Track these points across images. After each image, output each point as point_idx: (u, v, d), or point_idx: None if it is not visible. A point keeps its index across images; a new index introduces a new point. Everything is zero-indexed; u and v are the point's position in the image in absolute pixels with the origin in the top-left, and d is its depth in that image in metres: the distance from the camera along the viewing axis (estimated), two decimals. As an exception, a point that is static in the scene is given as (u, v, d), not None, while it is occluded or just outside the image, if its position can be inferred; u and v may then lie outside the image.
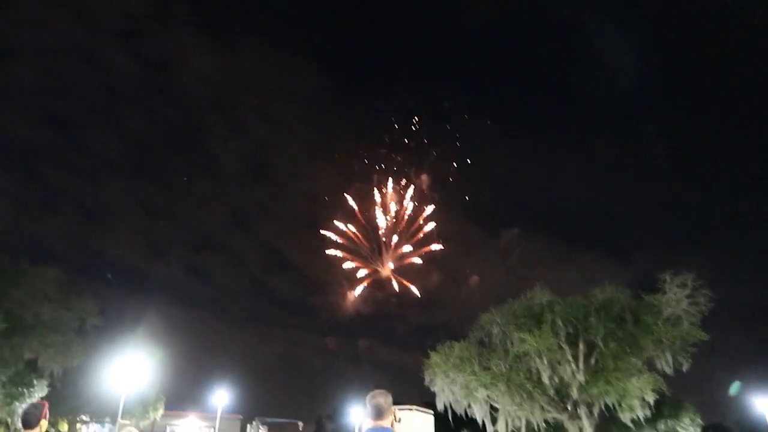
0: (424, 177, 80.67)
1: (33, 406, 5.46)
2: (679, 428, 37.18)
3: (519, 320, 29.24)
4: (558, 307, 28.57)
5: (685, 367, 27.87)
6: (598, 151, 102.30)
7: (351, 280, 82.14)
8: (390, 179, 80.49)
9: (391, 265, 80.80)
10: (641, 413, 27.59)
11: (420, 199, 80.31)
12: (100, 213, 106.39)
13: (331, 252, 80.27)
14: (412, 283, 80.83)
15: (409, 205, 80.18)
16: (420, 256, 79.84)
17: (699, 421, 37.83)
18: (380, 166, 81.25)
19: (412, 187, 79.99)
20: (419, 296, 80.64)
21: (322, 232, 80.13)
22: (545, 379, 28.34)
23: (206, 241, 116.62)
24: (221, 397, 46.23)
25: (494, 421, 30.43)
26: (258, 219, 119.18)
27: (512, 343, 29.50)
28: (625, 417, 28.05)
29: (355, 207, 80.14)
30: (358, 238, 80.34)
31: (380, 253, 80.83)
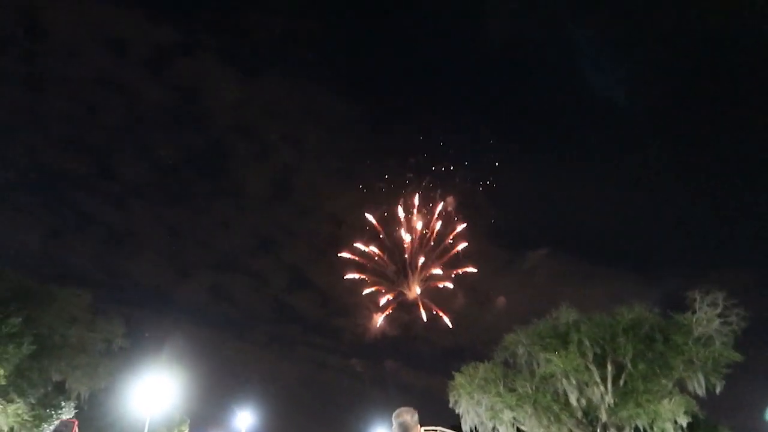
0: (450, 199, 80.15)
1: (63, 424, 5.56)
2: (714, 453, 36.01)
3: (544, 341, 28.78)
4: (584, 327, 28.07)
5: (718, 389, 27.07)
6: (622, 168, 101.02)
7: (376, 302, 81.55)
8: (417, 196, 80.00)
9: (417, 290, 79.78)
10: (673, 437, 26.83)
11: (447, 220, 79.78)
12: (127, 236, 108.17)
13: (351, 276, 79.70)
14: (440, 308, 79.69)
15: (437, 225, 79.65)
16: (450, 279, 78.85)
17: (735, 445, 36.60)
18: (405, 189, 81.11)
19: (441, 204, 79.39)
20: (450, 326, 79.21)
21: (341, 255, 79.57)
22: (573, 401, 27.75)
23: (230, 262, 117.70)
24: (245, 418, 46.26)
25: (521, 444, 29.83)
26: (282, 241, 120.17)
27: (538, 364, 29.02)
28: (657, 441, 27.28)
29: (379, 228, 79.83)
30: (382, 259, 79.81)
31: (406, 276, 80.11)
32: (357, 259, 79.22)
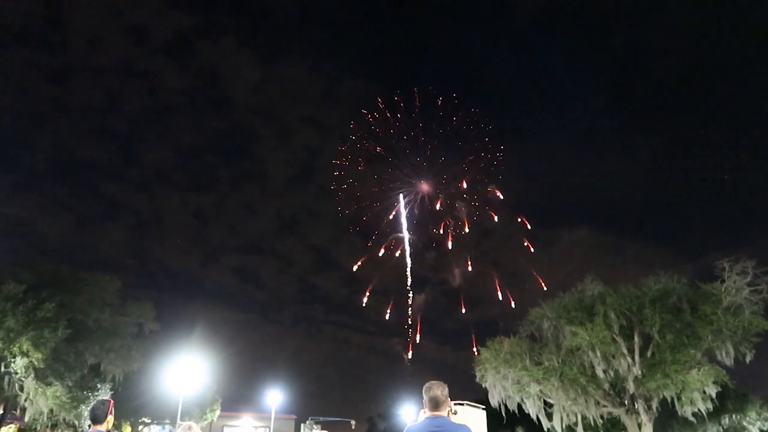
0: (494, 189, 77.52)
1: (101, 402, 5.71)
2: (745, 423, 35.76)
3: (570, 314, 28.66)
4: (610, 299, 27.85)
5: (748, 359, 26.76)
6: (647, 141, 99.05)
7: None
8: (465, 182, 77.65)
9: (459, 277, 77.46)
10: (702, 407, 26.65)
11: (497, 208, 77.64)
12: (154, 222, 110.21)
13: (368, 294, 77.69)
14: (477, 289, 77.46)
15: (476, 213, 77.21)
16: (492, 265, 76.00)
17: (766, 415, 36.26)
18: (446, 176, 79.17)
19: (490, 193, 76.97)
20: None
21: (355, 268, 75.80)
22: (600, 373, 27.68)
23: (255, 245, 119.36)
24: (275, 397, 47.17)
25: (549, 416, 29.93)
26: (306, 222, 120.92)
27: (564, 337, 28.95)
28: (686, 411, 27.14)
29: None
30: (423, 245, 77.62)
31: (449, 263, 78.04)
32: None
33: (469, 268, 76.44)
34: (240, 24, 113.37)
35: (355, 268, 78.75)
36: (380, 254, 76.95)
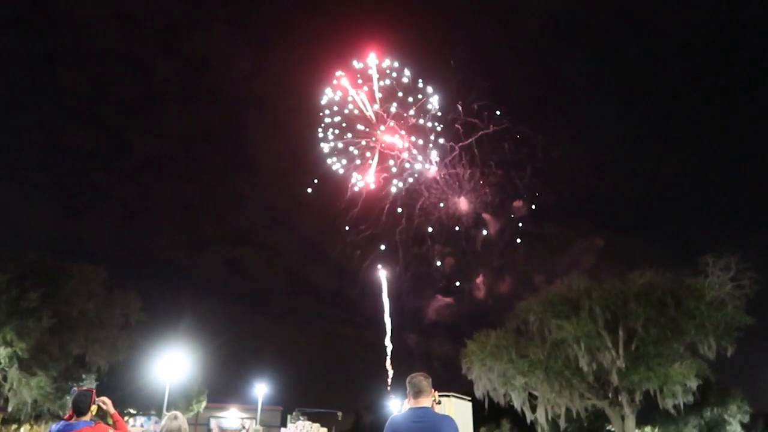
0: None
1: (82, 394, 5.45)
2: (726, 416, 36.26)
3: (556, 307, 28.91)
4: (595, 294, 28.15)
5: (729, 352, 27.21)
6: (634, 134, 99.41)
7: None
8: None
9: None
10: (683, 400, 27.04)
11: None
12: (142, 212, 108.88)
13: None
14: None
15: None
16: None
17: (747, 408, 36.77)
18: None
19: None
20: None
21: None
22: (584, 366, 27.96)
23: (244, 236, 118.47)
24: (261, 389, 47.22)
25: (533, 409, 30.21)
26: (296, 213, 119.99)
27: (549, 331, 29.20)
28: (667, 404, 27.53)
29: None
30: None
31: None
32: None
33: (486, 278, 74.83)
34: (232, 12, 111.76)
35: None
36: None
